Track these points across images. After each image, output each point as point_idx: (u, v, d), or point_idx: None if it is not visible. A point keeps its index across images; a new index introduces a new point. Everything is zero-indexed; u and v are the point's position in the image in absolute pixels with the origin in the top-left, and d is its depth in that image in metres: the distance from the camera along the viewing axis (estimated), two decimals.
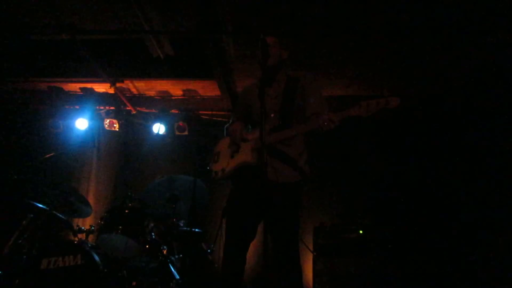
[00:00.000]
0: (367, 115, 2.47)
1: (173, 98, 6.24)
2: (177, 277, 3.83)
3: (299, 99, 2.88)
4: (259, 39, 2.66)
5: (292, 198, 2.78)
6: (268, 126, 2.72)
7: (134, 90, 6.15)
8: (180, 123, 6.08)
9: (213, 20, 4.39)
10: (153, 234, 4.14)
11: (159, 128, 6.08)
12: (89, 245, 3.84)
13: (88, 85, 6.06)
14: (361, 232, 4.48)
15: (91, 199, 5.70)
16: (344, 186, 5.67)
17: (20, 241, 3.76)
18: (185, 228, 4.24)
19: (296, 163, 2.83)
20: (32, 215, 3.84)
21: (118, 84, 5.73)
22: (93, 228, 4.06)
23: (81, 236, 4.01)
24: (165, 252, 3.95)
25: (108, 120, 6.15)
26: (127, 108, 6.31)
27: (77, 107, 6.23)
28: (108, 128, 6.17)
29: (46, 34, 4.93)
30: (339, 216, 5.17)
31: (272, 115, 2.83)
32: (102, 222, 3.99)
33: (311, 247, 4.58)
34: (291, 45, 3.06)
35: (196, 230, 4.34)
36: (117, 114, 6.21)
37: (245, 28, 4.51)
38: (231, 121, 3.15)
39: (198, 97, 6.18)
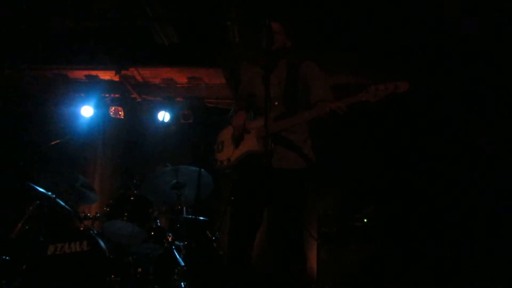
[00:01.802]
0: (375, 100, 2.42)
1: (178, 85, 6.22)
2: (182, 264, 3.86)
3: (302, 86, 2.85)
4: (264, 25, 2.63)
5: (297, 185, 2.77)
6: (273, 114, 2.69)
7: (139, 78, 6.14)
8: (185, 111, 6.07)
9: (218, 6, 4.35)
10: (158, 221, 4.17)
11: (164, 116, 6.08)
12: (95, 232, 3.88)
13: (93, 73, 6.05)
14: (365, 220, 4.49)
15: (96, 186, 5.72)
16: (348, 175, 5.66)
17: (26, 227, 3.80)
18: (190, 216, 4.25)
19: (301, 150, 2.81)
20: (38, 202, 3.87)
21: (123, 72, 5.71)
22: (98, 215, 4.08)
23: (87, 223, 4.04)
24: (170, 239, 3.97)
25: (113, 108, 6.16)
26: (132, 96, 6.31)
27: (82, 94, 6.23)
28: (113, 116, 6.18)
29: (51, 22, 4.92)
30: (343, 204, 5.18)
31: (276, 103, 2.80)
32: (107, 209, 4.01)
33: (315, 235, 4.59)
34: (294, 32, 3.02)
35: (201, 217, 4.35)
36: (122, 102, 6.21)
37: (250, 14, 4.47)
38: (233, 109, 3.13)
39: (203, 84, 6.16)
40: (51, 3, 4.57)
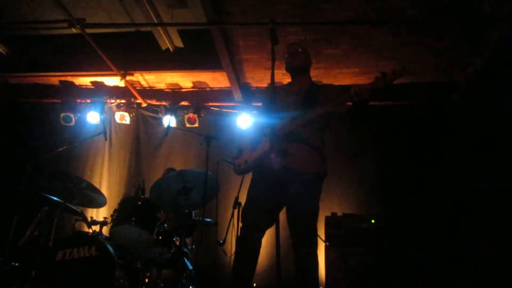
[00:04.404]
0: (386, 84, 2.56)
1: (183, 90, 6.26)
2: (190, 267, 3.86)
3: (320, 100, 2.96)
4: (270, 29, 2.66)
5: (310, 187, 2.81)
6: (289, 117, 2.83)
7: (144, 83, 6.17)
8: (190, 115, 6.09)
9: (222, 11, 4.37)
10: (165, 225, 4.17)
11: (169, 120, 6.10)
12: (103, 237, 3.89)
13: (99, 79, 6.10)
14: (373, 221, 4.47)
15: (104, 192, 5.72)
16: (357, 176, 5.65)
17: (35, 233, 3.81)
18: (197, 219, 4.26)
19: (316, 154, 2.90)
20: (47, 208, 3.89)
21: (128, 77, 5.76)
22: (106, 220, 4.10)
23: (95, 228, 4.05)
24: (178, 243, 3.98)
25: (119, 113, 6.19)
26: (138, 101, 6.34)
27: (88, 100, 6.28)
28: (119, 121, 6.22)
29: (57, 29, 4.96)
30: (351, 205, 5.16)
31: (293, 107, 2.93)
32: (115, 214, 4.02)
33: (323, 237, 4.57)
34: (302, 34, 3.11)
35: (208, 220, 4.36)
36: (127, 107, 6.24)
37: (254, 18, 4.49)
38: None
39: (208, 88, 6.19)
40: (57, 11, 4.61)
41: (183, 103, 6.28)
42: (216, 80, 5.95)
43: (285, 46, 3.21)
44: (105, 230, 4.12)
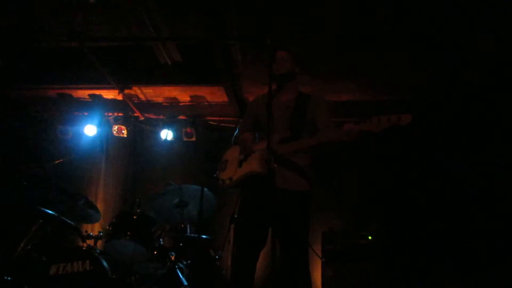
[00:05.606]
0: (377, 130, 2.49)
1: (181, 104, 6.26)
2: (185, 283, 3.82)
3: (310, 115, 2.91)
4: (268, 46, 2.67)
5: (300, 207, 2.79)
6: (278, 137, 2.72)
7: (142, 97, 6.18)
8: (188, 129, 6.09)
9: (221, 26, 4.41)
10: (161, 240, 4.14)
11: (167, 134, 6.10)
12: (98, 251, 3.86)
13: (97, 92, 6.10)
14: (370, 238, 4.45)
15: (99, 205, 5.69)
16: (353, 192, 5.64)
17: (29, 247, 3.78)
18: (193, 235, 4.23)
19: (304, 173, 2.85)
20: (41, 221, 3.86)
21: (126, 91, 5.76)
22: (101, 234, 4.07)
23: (90, 242, 4.02)
24: (173, 258, 3.95)
25: (116, 127, 6.19)
26: (135, 115, 6.34)
27: (85, 113, 6.27)
28: (116, 135, 6.20)
29: (56, 42, 4.98)
30: (348, 222, 5.15)
31: (281, 125, 2.83)
32: (110, 228, 3.99)
33: (319, 253, 4.55)
34: (299, 51, 3.10)
35: (204, 236, 4.33)
36: (125, 121, 6.24)
37: (252, 34, 4.52)
38: (238, 130, 3.17)
39: (206, 103, 6.19)
40: (56, 24, 4.63)
41: (181, 117, 6.29)
42: (214, 94, 5.96)
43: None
44: (100, 244, 4.09)
